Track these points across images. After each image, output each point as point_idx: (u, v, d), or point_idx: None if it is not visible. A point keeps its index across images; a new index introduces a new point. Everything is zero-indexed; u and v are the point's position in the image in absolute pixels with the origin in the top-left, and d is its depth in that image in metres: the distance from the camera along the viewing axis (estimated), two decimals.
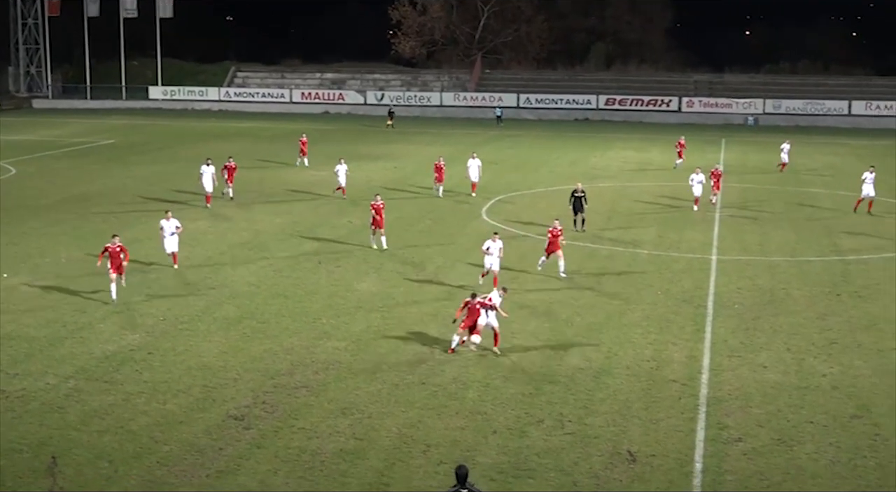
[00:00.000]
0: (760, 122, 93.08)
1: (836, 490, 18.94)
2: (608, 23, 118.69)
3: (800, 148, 71.97)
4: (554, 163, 64.70)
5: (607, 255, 38.20)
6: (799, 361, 26.13)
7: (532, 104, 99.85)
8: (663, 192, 52.75)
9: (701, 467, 19.84)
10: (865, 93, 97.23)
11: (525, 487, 18.78)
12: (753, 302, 31.66)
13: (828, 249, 39.63)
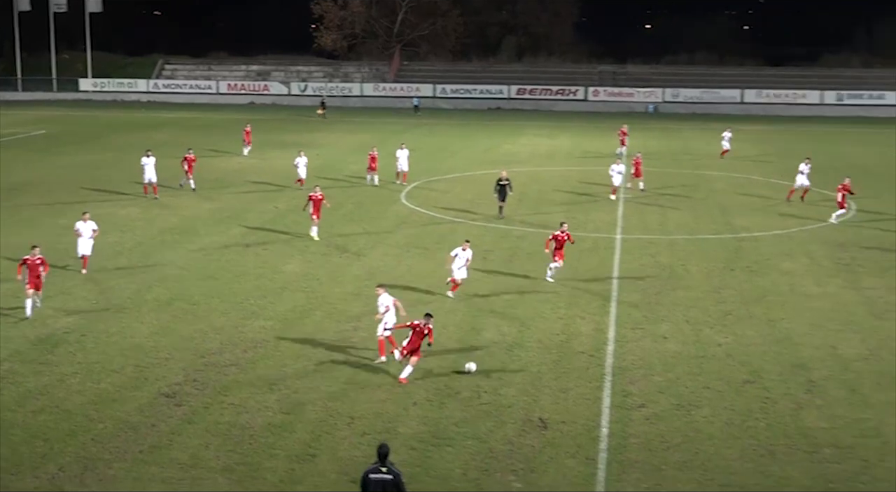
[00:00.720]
0: (660, 109, 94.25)
1: (729, 449, 19.36)
2: (519, 17, 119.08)
3: (697, 133, 73.24)
4: (468, 150, 64.81)
5: (519, 235, 38.43)
6: (696, 332, 26.60)
7: (448, 94, 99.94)
8: (571, 176, 53.21)
9: (607, 431, 20.13)
10: (756, 82, 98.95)
11: (444, 454, 18.88)
12: (655, 277, 32.13)
13: (722, 227, 40.34)
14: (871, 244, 37.16)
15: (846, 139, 71.68)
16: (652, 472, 18.41)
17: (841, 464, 18.83)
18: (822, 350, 25.20)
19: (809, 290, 30.82)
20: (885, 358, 24.63)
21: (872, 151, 64.82)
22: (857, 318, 28.03)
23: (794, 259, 34.85)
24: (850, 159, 60.00)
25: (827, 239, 38.08)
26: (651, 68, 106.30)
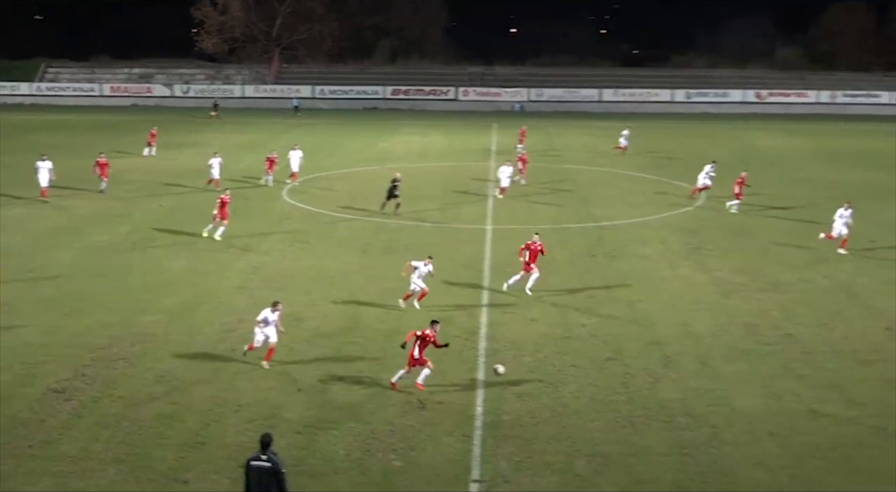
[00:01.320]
0: (526, 108, 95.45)
1: (594, 422, 19.79)
2: (392, 21, 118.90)
3: (560, 130, 74.31)
4: (346, 148, 64.48)
5: (397, 228, 38.45)
6: (563, 315, 27.06)
7: (326, 95, 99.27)
8: (444, 171, 53.46)
9: (482, 409, 20.33)
10: (613, 82, 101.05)
11: (328, 437, 18.80)
12: (520, 264, 32.51)
13: (585, 217, 41.10)
14: (717, 230, 38.39)
15: (695, 134, 73.78)
16: (524, 445, 18.69)
17: (694, 431, 19.43)
18: (676, 328, 25.94)
19: (663, 273, 31.67)
20: (732, 333, 25.50)
21: (718, 143, 66.89)
22: (706, 297, 28.93)
23: (650, 245, 35.75)
24: (700, 152, 61.74)
25: (678, 226, 39.18)
26: (517, 70, 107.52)
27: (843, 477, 17.60)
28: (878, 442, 19.02)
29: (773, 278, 31.05)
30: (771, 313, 27.29)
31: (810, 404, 20.85)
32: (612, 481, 17.39)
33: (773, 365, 23.17)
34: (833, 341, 24.95)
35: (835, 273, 31.77)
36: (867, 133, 75.65)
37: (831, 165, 56.55)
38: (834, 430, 19.59)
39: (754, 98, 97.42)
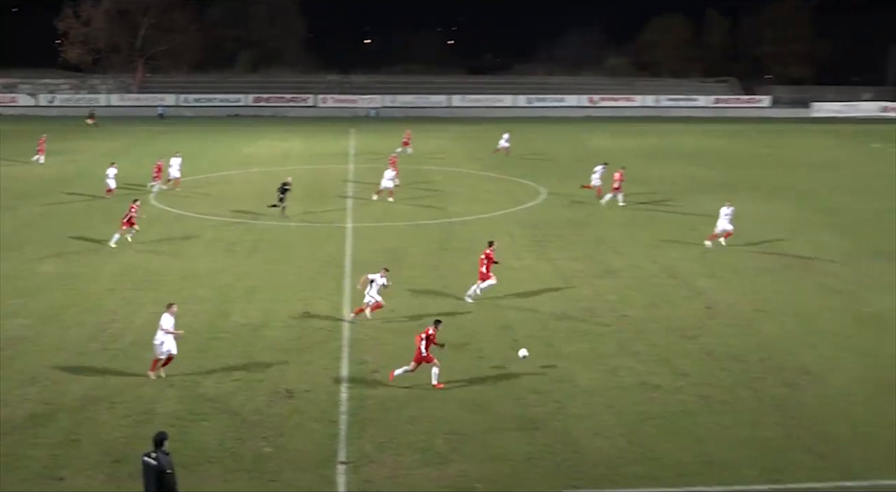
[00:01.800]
0: (381, 114, 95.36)
1: (451, 402, 19.98)
2: (253, 32, 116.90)
3: (415, 134, 74.52)
4: (211, 153, 63.00)
5: (263, 228, 37.88)
6: (420, 304, 27.20)
7: (190, 103, 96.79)
8: (305, 174, 52.90)
9: (347, 395, 20.28)
10: (461, 89, 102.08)
11: (200, 429, 18.41)
12: (382, 260, 32.51)
13: (438, 214, 41.36)
14: (557, 223, 39.27)
15: (536, 136, 75.18)
16: (387, 427, 18.73)
17: (541, 407, 19.87)
18: (524, 313, 26.44)
19: (511, 263, 32.16)
20: (573, 316, 26.15)
21: (557, 144, 68.44)
22: (550, 284, 29.58)
23: (497, 238, 36.16)
24: (541, 152, 63.08)
25: (523, 221, 39.90)
26: (372, 78, 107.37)
27: (673, 441, 18.31)
28: (701, 409, 19.87)
29: (608, 265, 31.98)
30: (607, 297, 28.10)
31: (643, 377, 21.59)
32: (468, 456, 17.62)
33: (609, 344, 23.89)
34: (661, 320, 25.90)
35: (661, 259, 32.95)
36: (687, 133, 78.74)
37: (656, 162, 58.58)
38: (664, 399, 20.35)
39: (588, 102, 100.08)
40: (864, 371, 22.10)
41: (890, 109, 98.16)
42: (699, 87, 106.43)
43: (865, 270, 31.51)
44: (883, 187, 49.16)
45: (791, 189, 48.30)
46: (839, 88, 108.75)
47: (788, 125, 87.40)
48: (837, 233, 37.47)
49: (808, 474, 17.03)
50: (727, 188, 47.25)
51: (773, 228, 38.48)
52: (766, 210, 42.36)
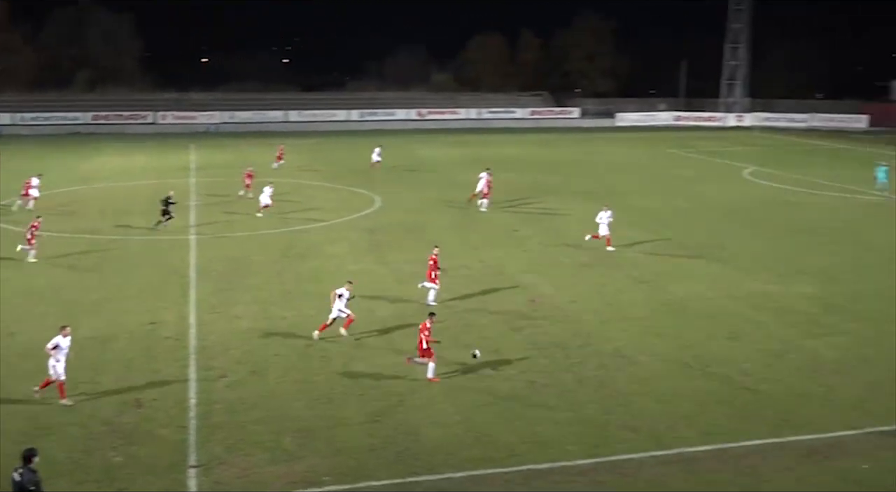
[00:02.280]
0: (220, 129, 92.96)
1: (297, 402, 19.69)
2: (89, 52, 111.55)
3: (252, 148, 73.05)
4: (51, 170, 59.58)
5: (107, 242, 36.21)
6: (264, 310, 26.69)
7: (28, 122, 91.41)
8: (146, 188, 50.91)
9: (195, 401, 19.65)
10: (297, 105, 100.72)
11: (47, 443, 17.35)
12: (226, 269, 31.77)
13: (279, 223, 40.67)
14: (392, 228, 39.38)
15: (369, 148, 75.05)
16: (236, 430, 18.26)
17: (383, 401, 19.85)
18: (364, 313, 26.24)
19: (350, 267, 32.03)
20: (408, 314, 26.26)
21: (389, 155, 68.49)
22: (386, 286, 29.61)
23: (337, 244, 36.06)
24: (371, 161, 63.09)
25: (359, 226, 39.80)
26: (210, 95, 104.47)
27: (504, 425, 18.67)
28: (529, 393, 20.37)
29: (440, 266, 32.22)
30: (440, 295, 28.36)
31: (475, 367, 21.91)
32: (316, 451, 17.41)
33: (443, 337, 24.10)
34: (490, 314, 26.37)
35: (487, 258, 33.57)
36: (507, 143, 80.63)
37: (479, 170, 59.65)
38: (495, 386, 20.73)
39: (416, 116, 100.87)
40: (668, 351, 23.22)
41: (682, 118, 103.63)
42: (516, 101, 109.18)
43: (666, 263, 33.10)
44: (678, 188, 51.82)
45: (601, 191, 50.22)
46: (639, 100, 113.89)
47: (596, 134, 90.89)
48: (641, 229, 39.21)
49: (625, 446, 17.73)
50: (546, 192, 48.63)
51: (586, 227, 39.89)
52: (579, 211, 43.85)
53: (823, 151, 74.58)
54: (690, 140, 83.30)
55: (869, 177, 56.62)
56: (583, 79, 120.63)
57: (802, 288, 29.37)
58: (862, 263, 33.09)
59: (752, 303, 27.70)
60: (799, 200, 47.84)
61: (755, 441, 17.95)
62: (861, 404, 19.80)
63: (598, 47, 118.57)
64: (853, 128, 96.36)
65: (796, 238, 37.32)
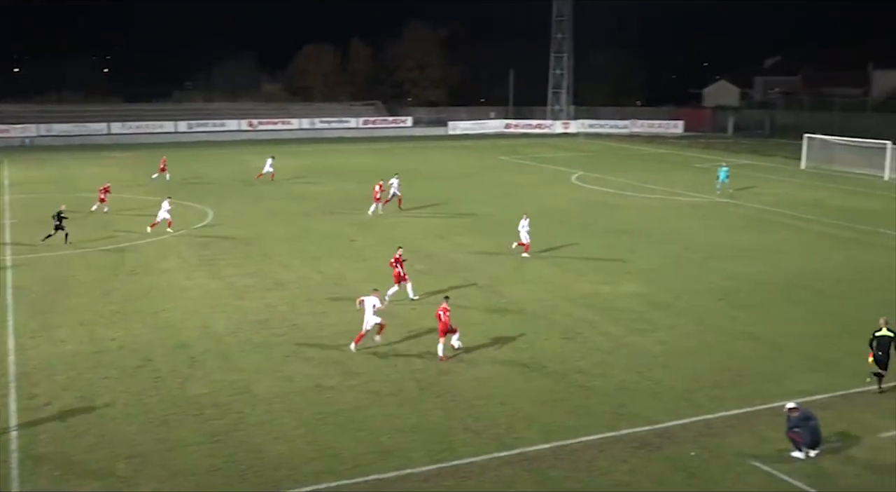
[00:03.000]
0: (36, 142, 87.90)
1: (130, 426, 18.86)
2: None
3: (72, 162, 69.65)
4: None
5: None
6: (90, 332, 25.44)
7: None
8: None
9: (16, 433, 18.44)
10: (121, 116, 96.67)
11: None
12: (48, 290, 30.06)
13: (107, 241, 38.86)
14: (226, 241, 38.41)
15: (199, 159, 73.11)
16: (63, 460, 17.28)
17: (222, 419, 19.30)
18: (198, 330, 25.57)
19: (183, 283, 31.05)
20: (246, 329, 25.70)
21: (220, 167, 67.00)
22: (222, 301, 28.85)
23: (169, 260, 34.85)
24: (202, 175, 61.41)
25: (192, 242, 38.61)
26: (24, 107, 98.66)
27: (348, 436, 18.55)
28: (372, 403, 20.33)
29: (276, 279, 31.79)
30: (279, 308, 27.93)
31: (317, 380, 21.69)
32: (152, 476, 16.71)
33: (284, 352, 23.76)
34: (331, 326, 26.16)
35: (326, 269, 33.32)
36: (341, 152, 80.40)
37: (316, 179, 59.24)
38: (338, 398, 20.57)
39: (247, 127, 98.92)
40: (507, 354, 23.75)
41: (511, 126, 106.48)
42: (349, 110, 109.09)
43: (502, 267, 33.85)
44: (511, 194, 53.18)
45: (435, 199, 50.85)
46: (470, 109, 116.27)
47: (429, 142, 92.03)
48: (477, 235, 39.96)
49: (468, 450, 17.98)
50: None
51: (423, 234, 40.28)
52: (415, 219, 44.24)
53: (644, 156, 78.49)
54: (520, 147, 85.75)
55: (687, 179, 60.00)
56: (414, 88, 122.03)
57: (629, 287, 30.76)
58: (683, 261, 35.00)
59: (584, 303, 28.76)
60: (623, 202, 50.11)
61: (592, 436, 18.61)
62: (686, 395, 20.91)
63: (429, 56, 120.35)
64: (670, 133, 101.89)
65: (622, 239, 39.06)
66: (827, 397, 20.76)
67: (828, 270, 33.62)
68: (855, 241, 39.45)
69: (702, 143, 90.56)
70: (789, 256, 35.93)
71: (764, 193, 53.87)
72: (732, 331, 25.92)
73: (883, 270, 33.69)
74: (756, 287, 30.97)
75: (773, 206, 48.83)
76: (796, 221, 44.26)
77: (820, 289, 30.77)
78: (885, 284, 31.42)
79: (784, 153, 76.63)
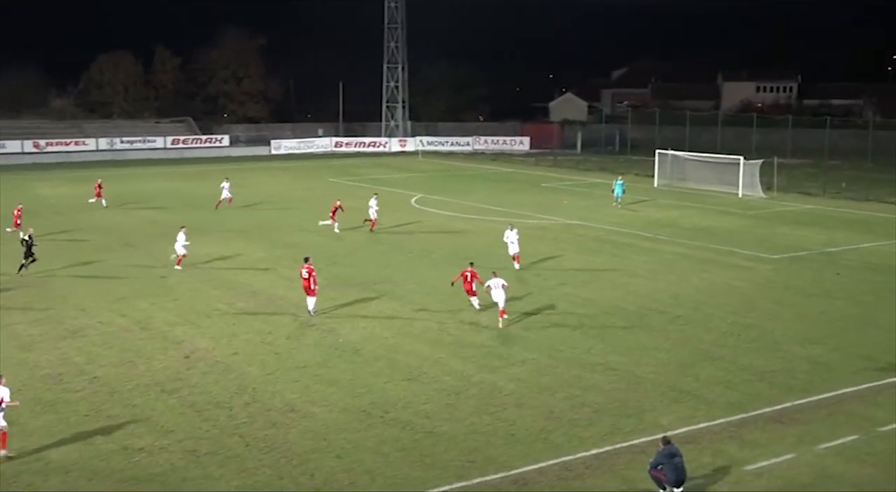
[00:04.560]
0: None
1: None
2: None
3: None
4: None
5: None
6: None
7: None
8: None
9: None
10: None
11: None
12: None
13: None
14: (14, 286, 36.43)
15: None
16: None
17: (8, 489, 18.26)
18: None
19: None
20: (36, 386, 24.44)
21: (4, 195, 63.84)
22: (4, 354, 27.26)
23: None
24: None
25: None
26: None
27: None
28: (188, 464, 19.69)
29: (71, 325, 30.43)
30: (74, 360, 26.73)
31: (122, 441, 20.83)
32: None
33: (82, 411, 22.71)
34: (137, 377, 25.24)
35: (132, 312, 32.18)
36: (147, 176, 78.18)
37: (116, 208, 57.30)
38: (148, 461, 19.81)
39: (33, 148, 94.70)
40: (344, 400, 23.58)
41: (343, 144, 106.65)
42: (155, 129, 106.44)
43: (338, 302, 33.66)
44: (340, 219, 53.08)
45: (258, 227, 50.15)
46: (295, 125, 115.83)
47: (250, 164, 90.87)
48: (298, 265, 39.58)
49: None
50: (198, 232, 47.65)
51: (246, 267, 39.59)
52: (237, 249, 43.47)
53: (488, 175, 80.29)
54: (353, 168, 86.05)
55: (535, 200, 61.87)
56: (231, 102, 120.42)
57: (478, 318, 31.23)
58: (534, 288, 35.88)
59: (428, 339, 28.97)
60: (468, 226, 50.99)
61: (441, 488, 18.68)
62: (543, 436, 21.35)
63: (246, 67, 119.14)
64: (516, 150, 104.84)
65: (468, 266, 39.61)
66: (688, 430, 21.69)
67: (684, 293, 35.28)
68: (711, 261, 41.63)
69: (549, 160, 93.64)
70: (644, 280, 37.50)
71: (617, 214, 56.12)
72: (588, 363, 26.74)
73: (739, 291, 35.67)
74: (610, 314, 32.12)
75: (626, 227, 50.93)
76: (651, 243, 46.31)
77: (676, 314, 32.22)
78: (741, 306, 33.25)
79: (636, 170, 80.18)
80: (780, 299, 34.47)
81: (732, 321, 31.10)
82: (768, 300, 34.26)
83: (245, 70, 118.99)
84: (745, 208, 59.65)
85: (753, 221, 54.09)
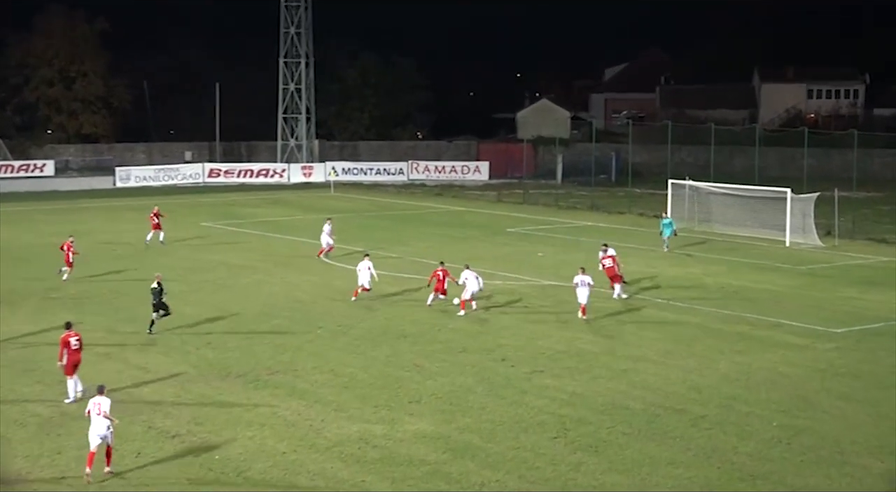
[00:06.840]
0: None
1: None
2: None
3: None
4: None
5: None
6: None
7: None
8: None
9: None
10: None
11: None
12: None
13: None
14: None
15: None
16: None
17: None
18: None
19: None
20: None
21: None
22: None
23: None
24: None
25: None
26: None
27: None
28: None
29: None
30: None
31: None
32: None
33: None
34: None
35: None
36: None
37: None
38: None
39: None
40: None
41: (220, 173, 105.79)
42: None
43: (168, 403, 33.35)
44: (219, 284, 52.73)
45: (100, 293, 49.69)
46: (152, 146, 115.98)
47: (84, 201, 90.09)
48: (170, 354, 39.28)
49: None
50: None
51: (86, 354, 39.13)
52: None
53: (431, 218, 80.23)
54: (236, 207, 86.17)
55: (497, 252, 62.17)
56: (58, 113, 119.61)
57: (417, 425, 30.96)
58: (498, 378, 35.81)
59: (345, 455, 28.52)
60: (403, 289, 50.81)
61: None
62: None
63: (80, 63, 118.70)
64: (470, 180, 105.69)
65: (402, 348, 39.53)
66: None
67: (710, 384, 35.37)
68: (748, 338, 41.78)
69: (517, 195, 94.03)
70: (654, 366, 37.55)
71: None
72: (577, 486, 26.63)
73: (787, 380, 35.82)
74: (607, 415, 32.05)
75: (628, 288, 51.08)
76: (664, 311, 46.51)
77: (699, 414, 32.25)
78: (790, 402, 33.37)
79: (640, 208, 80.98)
80: (846, 393, 34.70)
81: (779, 424, 31.20)
82: (830, 394, 34.48)
83: (79, 67, 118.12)
84: (796, 262, 60.19)
85: (807, 281, 54.63)
